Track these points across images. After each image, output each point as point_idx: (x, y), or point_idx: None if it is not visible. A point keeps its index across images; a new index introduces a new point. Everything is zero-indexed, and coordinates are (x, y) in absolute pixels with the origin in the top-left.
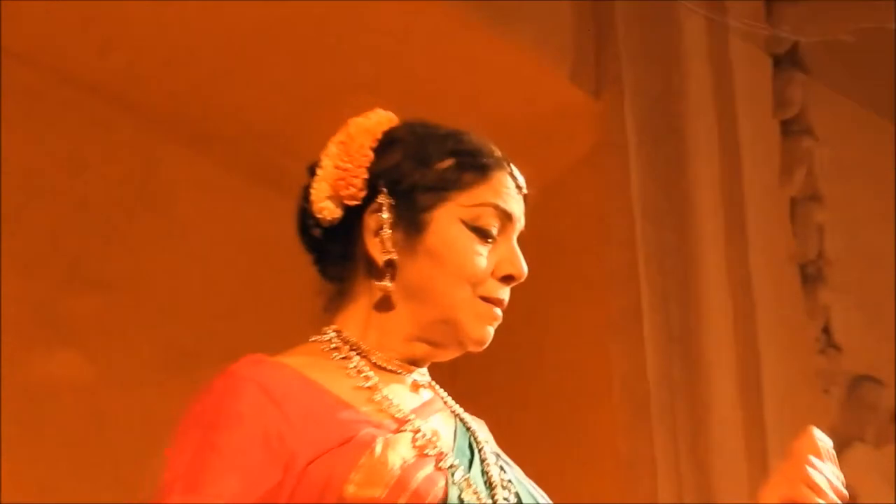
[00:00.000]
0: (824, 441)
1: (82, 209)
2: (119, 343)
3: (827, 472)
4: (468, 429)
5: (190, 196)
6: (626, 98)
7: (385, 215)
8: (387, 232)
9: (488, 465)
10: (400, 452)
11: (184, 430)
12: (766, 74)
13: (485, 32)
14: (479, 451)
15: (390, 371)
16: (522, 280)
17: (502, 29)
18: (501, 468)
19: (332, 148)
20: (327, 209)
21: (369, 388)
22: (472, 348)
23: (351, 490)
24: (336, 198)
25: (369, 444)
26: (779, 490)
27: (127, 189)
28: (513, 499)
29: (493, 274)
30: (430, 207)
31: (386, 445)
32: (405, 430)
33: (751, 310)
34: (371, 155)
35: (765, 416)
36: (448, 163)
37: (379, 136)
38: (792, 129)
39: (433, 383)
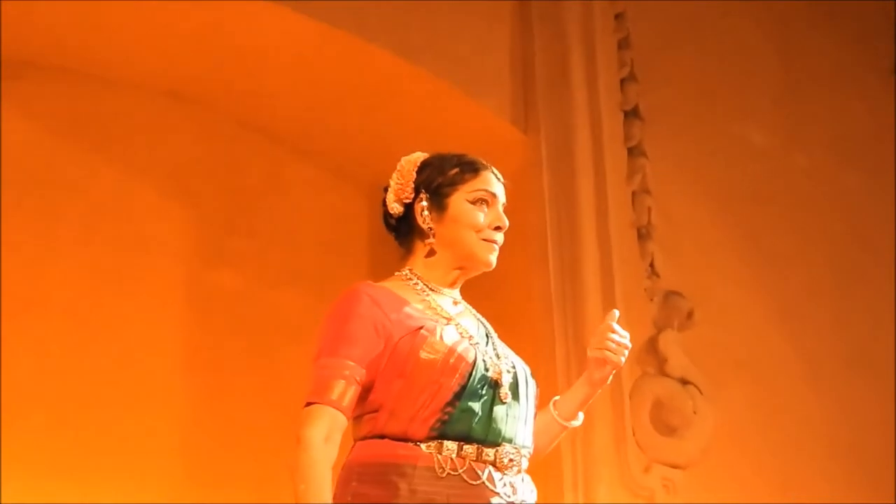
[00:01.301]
0: (613, 317)
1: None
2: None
3: (616, 336)
4: (484, 325)
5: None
6: (542, 134)
7: (424, 203)
8: (426, 213)
9: (496, 345)
10: (450, 335)
11: (327, 320)
12: (619, 122)
13: (441, 85)
14: (491, 338)
15: (438, 291)
16: (505, 227)
17: (461, 87)
18: (504, 347)
19: (394, 174)
20: (395, 207)
21: (428, 299)
22: (485, 268)
23: (423, 355)
24: (399, 200)
25: (433, 329)
26: (593, 353)
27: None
28: (510, 364)
29: (488, 226)
30: (448, 195)
31: (441, 330)
32: (451, 323)
33: (610, 257)
34: (414, 175)
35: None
36: (455, 170)
37: (417, 164)
38: (634, 153)
39: (461, 300)
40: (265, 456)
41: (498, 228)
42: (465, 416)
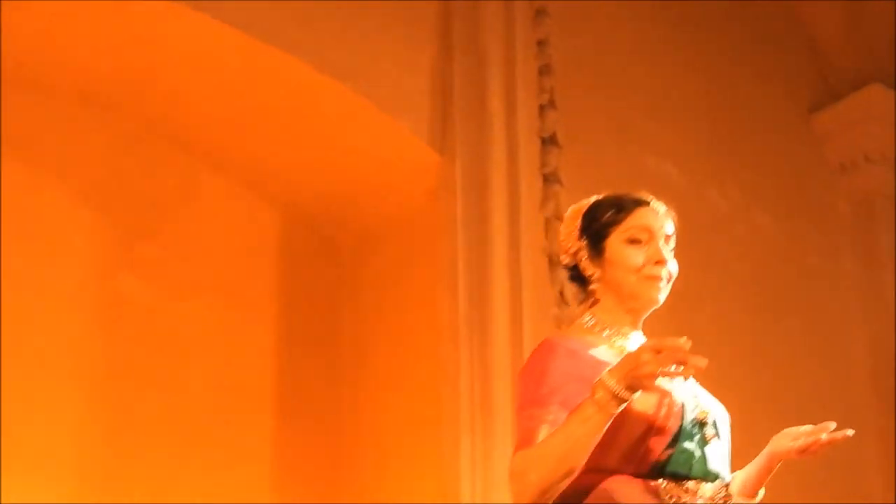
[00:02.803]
0: (828, 428)
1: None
2: None
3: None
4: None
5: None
6: (458, 156)
7: (583, 251)
8: (585, 260)
9: (694, 385)
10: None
11: (526, 373)
12: (536, 148)
13: (359, 102)
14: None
15: (624, 335)
16: (666, 261)
17: (379, 105)
18: (697, 386)
19: (563, 224)
20: (563, 259)
21: (617, 346)
22: (651, 305)
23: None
24: (566, 252)
25: None
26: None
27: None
28: (709, 403)
29: (647, 262)
30: (604, 238)
31: None
32: None
33: (519, 284)
34: (578, 222)
35: (524, 338)
36: (610, 211)
37: (582, 211)
38: (549, 180)
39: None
40: (164, 467)
41: (658, 263)
42: (683, 458)
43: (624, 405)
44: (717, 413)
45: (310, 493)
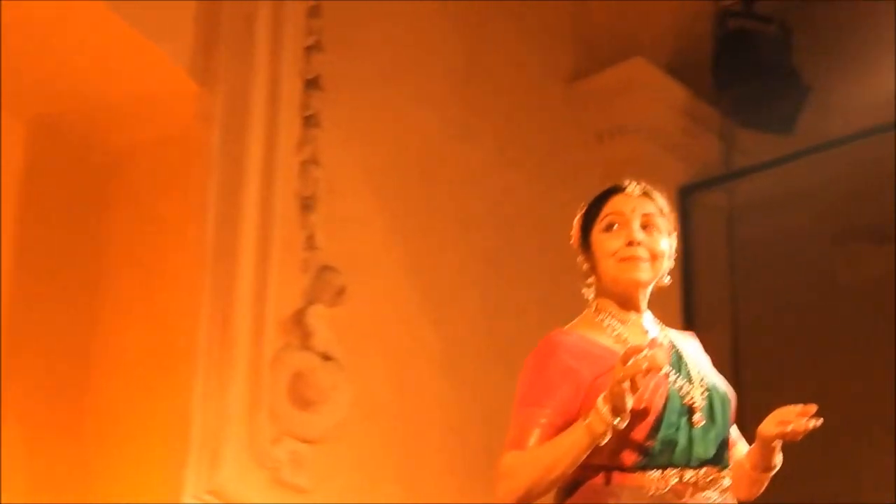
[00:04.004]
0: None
1: None
2: None
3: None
4: (676, 349)
5: None
6: (219, 89)
7: (580, 251)
8: (581, 258)
9: (689, 369)
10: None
11: (527, 370)
12: (299, 90)
13: (118, 21)
14: (684, 360)
15: (626, 322)
16: (638, 240)
17: (139, 27)
18: (698, 369)
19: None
20: (579, 261)
21: (616, 334)
22: (635, 287)
23: None
24: (577, 250)
25: None
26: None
27: None
28: (703, 386)
29: (621, 245)
30: (589, 233)
31: None
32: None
33: (270, 224)
34: (579, 225)
35: (268, 277)
36: (589, 208)
37: (582, 217)
38: (309, 123)
39: (655, 320)
40: None
41: (631, 244)
42: (665, 447)
43: (611, 429)
44: (715, 396)
45: (38, 420)
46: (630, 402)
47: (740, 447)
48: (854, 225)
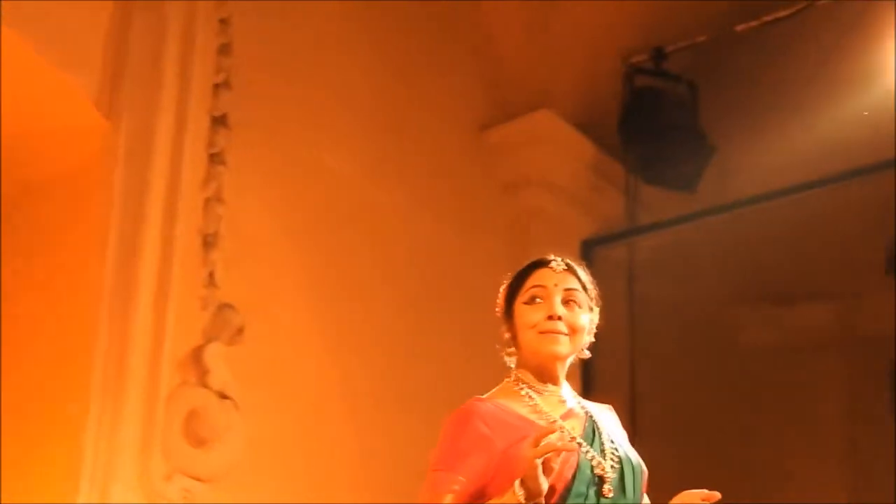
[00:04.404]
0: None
1: None
2: None
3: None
4: (592, 420)
5: None
6: (124, 123)
7: (502, 321)
8: (503, 327)
9: (602, 440)
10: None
11: (444, 435)
12: (205, 127)
13: (29, 53)
14: (598, 432)
15: (543, 393)
16: (558, 314)
17: (47, 56)
18: (611, 441)
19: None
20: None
21: (532, 404)
22: (554, 359)
23: None
24: (500, 319)
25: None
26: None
27: None
28: (616, 457)
29: (543, 319)
30: (511, 304)
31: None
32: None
33: (170, 260)
34: (504, 295)
35: (167, 315)
36: (514, 280)
37: (506, 288)
38: (214, 160)
39: (571, 393)
40: None
41: (551, 318)
42: None
43: None
44: (626, 467)
45: None
46: (545, 484)
47: None
48: (755, 286)
